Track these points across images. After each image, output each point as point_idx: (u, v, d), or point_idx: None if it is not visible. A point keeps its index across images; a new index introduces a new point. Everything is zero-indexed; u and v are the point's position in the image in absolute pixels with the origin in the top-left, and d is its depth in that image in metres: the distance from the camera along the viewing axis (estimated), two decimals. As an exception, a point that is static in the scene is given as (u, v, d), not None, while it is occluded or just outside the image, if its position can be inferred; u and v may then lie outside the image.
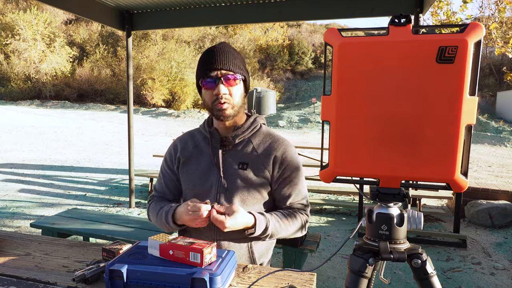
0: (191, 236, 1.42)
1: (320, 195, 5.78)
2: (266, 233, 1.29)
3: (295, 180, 1.40)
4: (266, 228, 1.28)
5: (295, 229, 1.38)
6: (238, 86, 1.34)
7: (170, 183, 1.50)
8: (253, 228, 1.25)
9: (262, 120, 1.48)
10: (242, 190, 1.35)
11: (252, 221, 1.25)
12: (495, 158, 10.79)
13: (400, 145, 0.92)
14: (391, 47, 0.90)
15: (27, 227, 4.17)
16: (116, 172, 7.47)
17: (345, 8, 4.01)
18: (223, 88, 1.29)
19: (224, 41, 1.42)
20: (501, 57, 26.21)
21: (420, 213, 1.00)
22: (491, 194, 4.70)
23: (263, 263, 1.45)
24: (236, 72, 1.31)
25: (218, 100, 1.30)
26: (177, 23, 4.71)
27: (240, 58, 1.37)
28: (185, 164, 1.44)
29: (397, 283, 3.00)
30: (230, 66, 1.30)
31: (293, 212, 1.40)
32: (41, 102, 27.43)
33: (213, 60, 1.30)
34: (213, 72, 1.29)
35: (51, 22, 29.67)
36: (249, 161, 1.36)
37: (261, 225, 1.27)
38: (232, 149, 1.39)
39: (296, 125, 17.88)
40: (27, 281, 1.12)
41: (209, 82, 1.31)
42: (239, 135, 1.38)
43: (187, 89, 27.25)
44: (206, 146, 1.42)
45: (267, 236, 1.30)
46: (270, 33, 34.41)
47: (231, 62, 1.31)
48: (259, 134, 1.42)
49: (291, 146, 1.42)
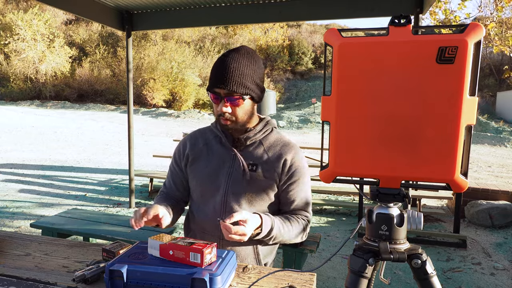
0: (196, 237, 1.42)
1: (320, 195, 5.77)
2: (271, 234, 1.29)
3: (301, 186, 1.41)
4: (271, 229, 1.28)
5: (296, 233, 1.38)
6: (242, 105, 1.30)
7: (177, 180, 1.50)
8: (259, 228, 1.25)
9: (274, 124, 1.48)
10: (250, 191, 1.35)
11: (259, 222, 1.25)
12: (495, 158, 10.78)
13: (400, 145, 0.92)
14: (391, 47, 0.90)
15: (27, 227, 4.16)
16: (116, 172, 7.47)
17: (345, 8, 4.01)
18: (225, 108, 1.28)
19: (243, 47, 1.33)
20: (501, 57, 26.21)
21: (420, 213, 1.00)
22: (491, 194, 4.70)
23: (267, 263, 1.46)
24: (242, 93, 1.26)
25: (221, 116, 1.31)
26: (177, 23, 4.71)
27: (252, 73, 1.28)
28: (194, 161, 1.44)
29: (397, 283, 3.00)
30: (236, 87, 1.24)
31: (295, 217, 1.40)
32: (41, 102, 27.42)
33: (220, 76, 1.25)
34: (218, 89, 1.27)
35: (51, 22, 29.66)
36: (259, 162, 1.37)
37: (267, 225, 1.27)
38: (243, 150, 1.39)
39: (296, 125, 17.87)
40: (27, 281, 1.12)
41: (214, 98, 1.30)
42: (250, 137, 1.39)
43: (188, 89, 27.26)
44: (216, 145, 1.42)
45: (271, 238, 1.30)
46: (270, 33, 34.39)
47: (239, 82, 1.24)
48: (270, 137, 1.43)
49: (300, 152, 1.43)
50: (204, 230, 1.41)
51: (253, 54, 1.33)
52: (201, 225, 1.42)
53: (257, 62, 1.32)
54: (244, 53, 1.30)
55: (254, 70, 1.30)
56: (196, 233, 1.44)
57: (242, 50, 1.31)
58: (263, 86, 1.38)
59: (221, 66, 1.26)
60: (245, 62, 1.28)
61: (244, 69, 1.26)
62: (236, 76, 1.24)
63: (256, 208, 1.37)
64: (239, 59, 1.27)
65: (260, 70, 1.34)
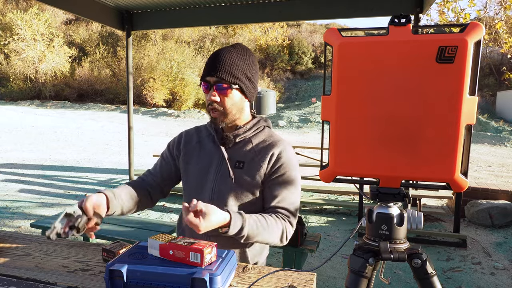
0: (185, 234, 1.42)
1: (320, 195, 5.77)
2: (242, 233, 1.21)
3: (286, 183, 1.35)
4: (241, 228, 1.21)
5: (274, 236, 1.29)
6: (231, 95, 1.32)
7: (165, 167, 1.50)
8: (227, 227, 1.18)
9: (267, 123, 1.46)
10: (236, 189, 1.34)
11: (228, 219, 1.19)
12: (495, 158, 10.78)
13: (400, 145, 0.92)
14: (391, 47, 0.90)
15: (27, 227, 4.16)
16: (116, 172, 7.47)
17: (345, 8, 4.01)
18: (214, 96, 1.30)
19: (239, 44, 1.39)
20: (501, 57, 26.20)
21: (420, 213, 1.00)
22: (491, 194, 4.70)
23: (258, 263, 1.45)
24: (229, 82, 1.29)
25: (210, 105, 1.33)
26: (177, 23, 4.71)
27: (244, 66, 1.32)
28: (186, 157, 1.46)
29: (397, 283, 3.00)
30: (223, 75, 1.28)
31: (274, 216, 1.32)
32: (41, 102, 27.42)
33: (211, 65, 1.30)
34: (209, 77, 1.31)
35: (51, 22, 29.66)
36: (246, 160, 1.36)
37: (237, 224, 1.19)
38: (232, 147, 1.39)
39: (296, 125, 17.87)
40: (27, 281, 1.12)
41: (204, 86, 1.33)
42: (240, 135, 1.39)
43: (188, 89, 27.25)
44: (208, 143, 1.44)
45: (243, 237, 1.23)
46: (270, 33, 34.38)
47: (229, 70, 1.28)
48: (260, 135, 1.42)
49: (290, 148, 1.41)
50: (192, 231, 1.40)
51: (247, 50, 1.38)
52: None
53: (250, 57, 1.36)
54: (238, 48, 1.35)
55: (246, 63, 1.34)
56: (185, 230, 1.44)
57: (237, 45, 1.37)
58: (255, 83, 1.39)
59: (213, 57, 1.32)
60: (237, 54, 1.32)
61: (235, 59, 1.31)
62: (227, 65, 1.29)
63: (243, 206, 1.35)
64: (232, 51, 1.33)
65: (252, 65, 1.36)
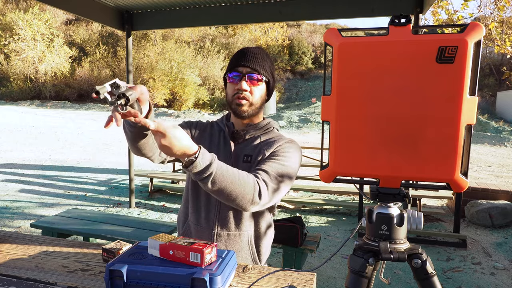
0: (190, 229, 1.42)
1: (320, 195, 5.77)
2: (210, 169, 1.10)
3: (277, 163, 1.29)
4: (210, 163, 1.11)
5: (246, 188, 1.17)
6: (260, 86, 1.38)
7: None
8: (193, 155, 1.08)
9: (277, 125, 1.51)
10: None
11: (196, 148, 1.09)
12: (495, 158, 10.78)
13: (400, 145, 0.92)
14: (391, 47, 0.90)
15: (27, 227, 4.17)
16: (116, 172, 7.47)
17: (345, 8, 4.01)
18: (245, 84, 1.35)
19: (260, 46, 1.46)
20: (501, 57, 26.21)
21: (420, 213, 1.00)
22: (491, 194, 4.70)
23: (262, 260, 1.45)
24: (260, 73, 1.37)
25: (238, 94, 1.36)
26: (177, 23, 4.71)
27: (269, 63, 1.43)
28: (196, 141, 1.46)
29: (397, 283, 3.00)
30: (256, 67, 1.36)
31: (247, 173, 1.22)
32: (41, 102, 27.42)
33: (242, 58, 1.37)
34: (240, 68, 1.36)
35: (51, 22, 29.66)
36: (253, 153, 1.38)
37: (205, 157, 1.10)
38: (242, 143, 1.42)
39: (296, 125, 17.88)
40: (27, 281, 1.12)
41: (234, 77, 1.37)
42: (250, 132, 1.42)
43: (188, 89, 27.25)
44: (218, 138, 1.46)
45: (210, 175, 1.11)
46: (270, 33, 34.40)
47: (259, 63, 1.37)
48: (270, 134, 1.45)
49: (297, 148, 1.41)
50: (198, 222, 1.41)
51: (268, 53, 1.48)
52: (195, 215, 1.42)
53: (271, 60, 1.47)
54: (261, 49, 1.45)
55: (271, 63, 1.45)
56: (190, 226, 1.44)
57: (259, 47, 1.46)
58: (274, 83, 1.46)
59: (244, 51, 1.40)
60: (263, 53, 1.42)
61: (264, 57, 1.41)
62: (259, 59, 1.39)
63: None
64: (257, 50, 1.42)
65: (273, 67, 1.47)
